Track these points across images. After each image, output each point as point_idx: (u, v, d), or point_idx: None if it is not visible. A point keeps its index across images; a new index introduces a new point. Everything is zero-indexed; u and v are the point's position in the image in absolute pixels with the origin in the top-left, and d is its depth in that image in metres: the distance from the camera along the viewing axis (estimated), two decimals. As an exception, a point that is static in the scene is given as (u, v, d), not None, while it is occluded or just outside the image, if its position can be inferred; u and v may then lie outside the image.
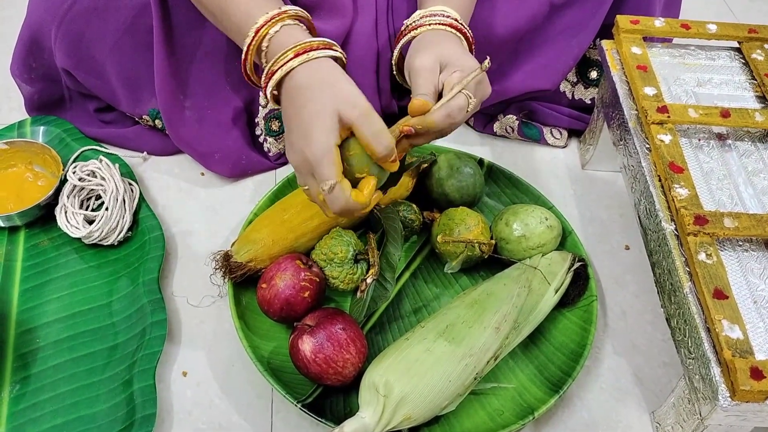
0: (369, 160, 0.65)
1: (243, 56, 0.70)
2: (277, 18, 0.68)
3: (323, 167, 0.62)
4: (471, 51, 0.77)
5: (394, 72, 0.83)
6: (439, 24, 0.75)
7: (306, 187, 0.67)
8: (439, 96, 0.69)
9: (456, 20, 0.76)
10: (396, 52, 0.80)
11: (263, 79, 0.68)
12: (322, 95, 0.64)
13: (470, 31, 0.77)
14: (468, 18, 0.82)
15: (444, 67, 0.71)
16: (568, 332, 0.78)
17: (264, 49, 0.69)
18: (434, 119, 0.67)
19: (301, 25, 0.70)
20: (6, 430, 0.70)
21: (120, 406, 0.72)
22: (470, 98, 0.68)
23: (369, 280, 0.76)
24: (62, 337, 0.78)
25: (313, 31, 0.72)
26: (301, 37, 0.68)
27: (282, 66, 0.66)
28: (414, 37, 0.76)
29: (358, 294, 0.76)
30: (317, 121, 0.63)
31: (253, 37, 0.68)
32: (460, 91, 0.67)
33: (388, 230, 0.79)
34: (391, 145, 0.64)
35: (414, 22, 0.77)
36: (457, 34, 0.76)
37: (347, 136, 0.64)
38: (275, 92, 0.69)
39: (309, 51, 0.66)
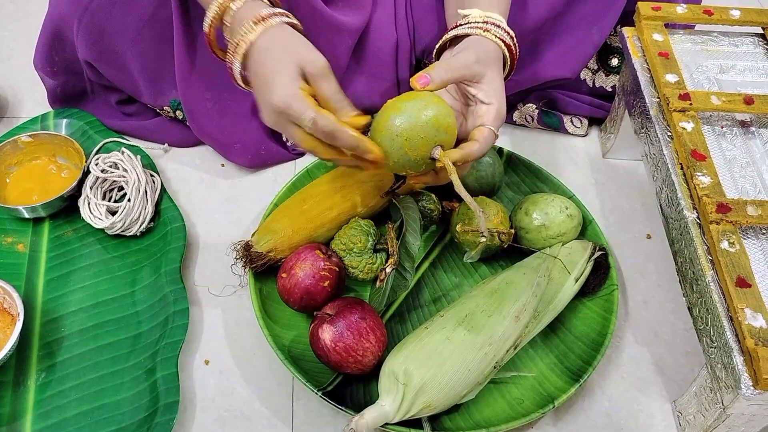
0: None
1: (207, 29, 0.70)
2: None
3: (295, 106, 0.63)
4: (513, 64, 0.75)
5: (433, 56, 0.79)
6: (499, 37, 0.72)
7: (295, 140, 0.66)
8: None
9: (513, 38, 0.74)
10: (446, 38, 0.75)
11: (228, 55, 0.69)
12: (284, 54, 0.65)
13: (516, 45, 0.75)
14: (507, 16, 0.79)
15: (480, 79, 0.69)
16: (589, 321, 0.78)
17: (228, 24, 0.69)
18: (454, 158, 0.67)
19: (265, 1, 0.70)
20: (32, 417, 0.72)
21: (143, 393, 0.73)
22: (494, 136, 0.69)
23: (388, 270, 0.77)
24: (86, 326, 0.79)
25: (276, 3, 0.71)
26: (262, 10, 0.68)
27: (244, 37, 0.67)
28: (473, 34, 0.72)
29: (378, 283, 0.76)
30: (279, 72, 0.64)
31: (216, 10, 0.69)
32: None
33: (407, 220, 0.79)
34: (345, 105, 0.64)
35: (476, 22, 0.73)
36: (508, 57, 0.74)
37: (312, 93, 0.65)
38: (244, 72, 0.69)
39: (266, 19, 0.66)
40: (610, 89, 1.01)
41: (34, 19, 1.01)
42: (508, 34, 0.73)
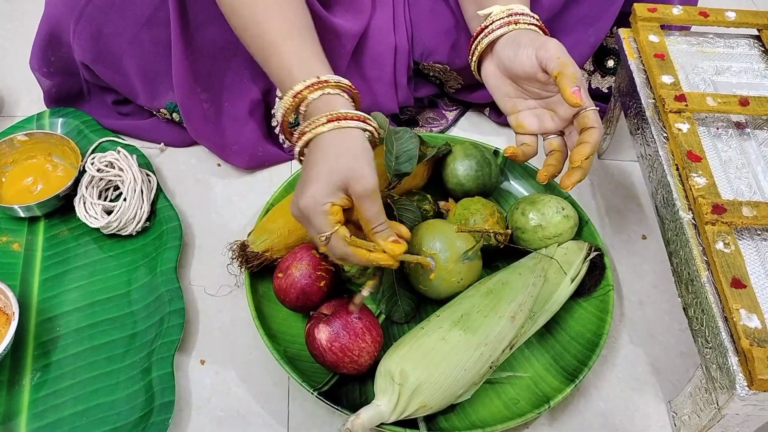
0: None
1: (281, 118, 0.70)
2: (317, 86, 0.68)
3: (316, 219, 0.64)
4: None
5: (472, 68, 0.79)
6: (530, 24, 0.73)
7: (312, 237, 0.67)
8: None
9: (540, 21, 0.74)
10: (481, 46, 0.76)
11: (295, 136, 0.69)
12: (338, 160, 0.64)
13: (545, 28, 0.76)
14: (529, 3, 0.80)
15: (547, 63, 0.70)
16: (584, 322, 0.78)
17: (302, 111, 0.69)
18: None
19: (344, 95, 0.69)
20: (27, 416, 0.72)
21: (139, 393, 0.73)
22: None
23: (365, 293, 0.76)
24: (82, 325, 0.79)
25: (356, 101, 0.71)
26: (339, 106, 0.67)
27: (313, 129, 0.66)
28: (507, 32, 0.73)
29: (351, 307, 0.75)
30: (319, 179, 0.64)
31: (291, 101, 0.68)
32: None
33: (403, 220, 0.79)
34: (383, 228, 0.65)
35: (502, 19, 0.74)
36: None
37: (348, 205, 0.66)
38: (303, 150, 0.69)
39: (341, 119, 0.66)
40: (606, 90, 1.02)
41: (31, 18, 1.01)
42: (535, 18, 0.73)
